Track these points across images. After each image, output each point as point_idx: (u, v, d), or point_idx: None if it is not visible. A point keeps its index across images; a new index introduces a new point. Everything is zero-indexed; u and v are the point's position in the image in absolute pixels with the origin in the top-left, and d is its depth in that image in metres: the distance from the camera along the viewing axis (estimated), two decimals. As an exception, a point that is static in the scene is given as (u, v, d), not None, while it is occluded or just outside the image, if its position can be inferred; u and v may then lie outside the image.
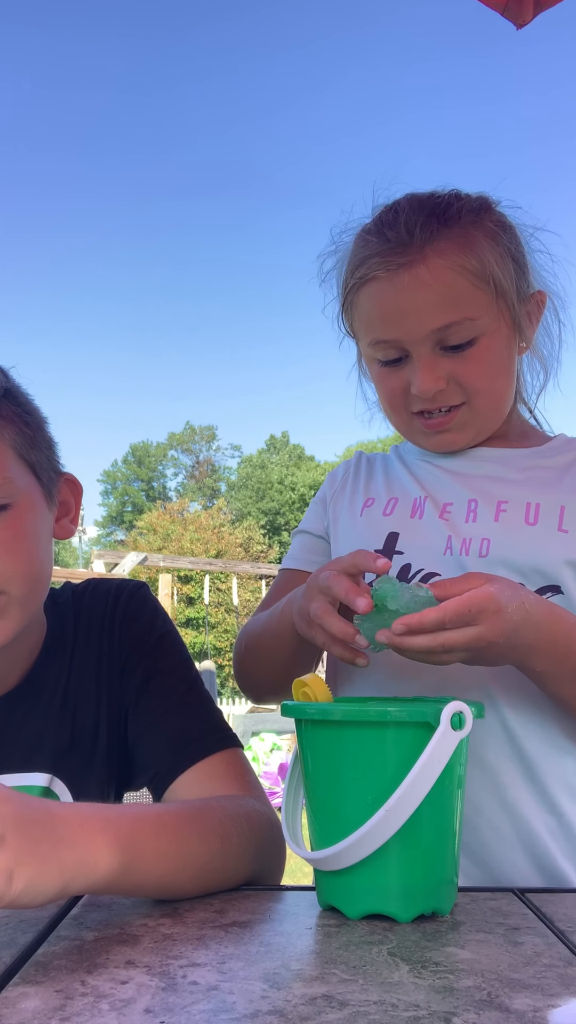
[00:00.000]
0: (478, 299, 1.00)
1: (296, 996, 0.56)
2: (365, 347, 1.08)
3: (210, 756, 0.92)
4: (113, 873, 0.68)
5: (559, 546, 0.99)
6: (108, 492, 46.75)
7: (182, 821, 0.78)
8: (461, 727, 0.71)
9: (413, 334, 1.00)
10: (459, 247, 0.99)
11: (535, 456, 1.10)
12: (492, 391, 1.04)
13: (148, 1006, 0.55)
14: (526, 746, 0.97)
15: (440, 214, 1.01)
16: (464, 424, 1.06)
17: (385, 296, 1.01)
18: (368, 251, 1.02)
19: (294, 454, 46.24)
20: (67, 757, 0.95)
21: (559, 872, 0.97)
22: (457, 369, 1.01)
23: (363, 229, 1.07)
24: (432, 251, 0.99)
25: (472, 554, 1.01)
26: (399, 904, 0.72)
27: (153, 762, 0.94)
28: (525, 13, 1.43)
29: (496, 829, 0.98)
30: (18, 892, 0.61)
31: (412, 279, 0.98)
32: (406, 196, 1.06)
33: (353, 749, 0.73)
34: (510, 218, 1.07)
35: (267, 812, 0.89)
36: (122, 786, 1.01)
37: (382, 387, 1.08)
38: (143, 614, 1.01)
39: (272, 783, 6.61)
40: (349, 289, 1.06)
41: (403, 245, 0.99)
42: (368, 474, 1.20)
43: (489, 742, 0.97)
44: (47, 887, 0.63)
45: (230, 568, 13.06)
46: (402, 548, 1.07)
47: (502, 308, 1.02)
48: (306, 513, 1.25)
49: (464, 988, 0.58)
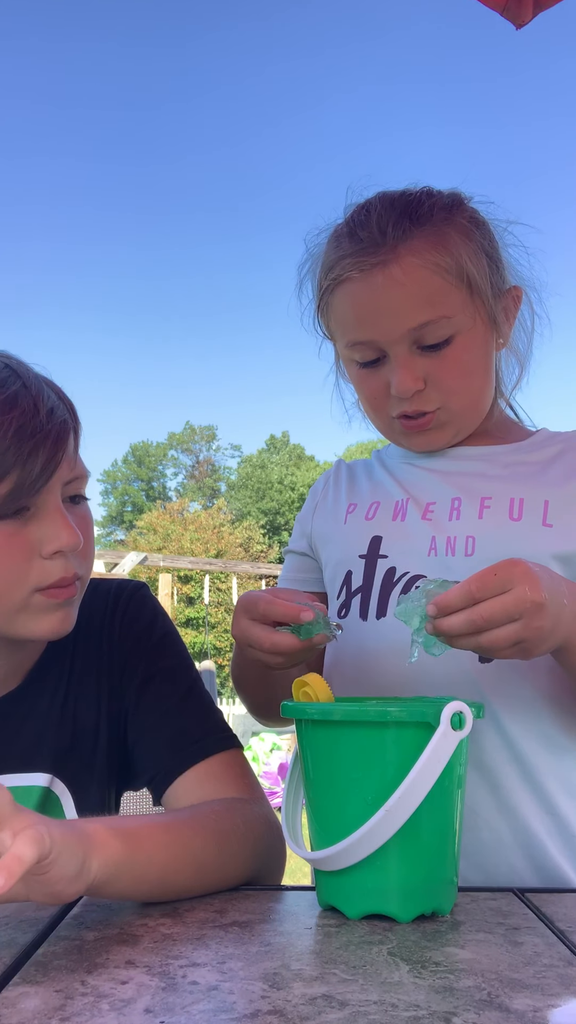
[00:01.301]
0: (453, 297, 0.99)
1: (296, 996, 0.56)
2: (342, 349, 1.06)
3: (210, 757, 0.92)
4: (119, 856, 0.69)
5: (545, 540, 0.99)
6: (108, 492, 46.73)
7: (179, 819, 0.80)
8: (461, 727, 0.71)
9: (389, 334, 0.99)
10: (432, 245, 0.98)
11: (517, 451, 1.09)
12: (470, 390, 1.04)
13: (148, 1006, 0.55)
14: (523, 746, 0.97)
15: (412, 212, 1.00)
16: (444, 424, 1.05)
17: (360, 297, 1.00)
18: (341, 252, 1.01)
19: (294, 454, 46.25)
20: (68, 757, 0.95)
21: (558, 872, 0.97)
22: (434, 369, 1.00)
23: (335, 230, 1.06)
24: (405, 250, 0.98)
25: (458, 553, 1.01)
26: (399, 904, 0.72)
27: (153, 763, 0.94)
28: (524, 13, 1.44)
29: (494, 830, 0.98)
30: (59, 850, 0.62)
31: (386, 279, 0.98)
32: (378, 195, 1.04)
33: (353, 749, 0.73)
34: (483, 213, 1.06)
35: (266, 813, 0.89)
36: (122, 786, 1.01)
37: (362, 389, 1.07)
38: (143, 614, 1.01)
39: (272, 783, 6.61)
40: (324, 291, 1.05)
41: (376, 245, 0.99)
42: (350, 481, 1.18)
43: (485, 744, 0.97)
44: (74, 853, 0.64)
45: (230, 568, 13.06)
46: (386, 551, 1.06)
47: (478, 305, 1.01)
48: (293, 530, 1.25)
49: (464, 988, 0.58)
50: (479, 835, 0.97)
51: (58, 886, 0.64)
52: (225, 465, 48.12)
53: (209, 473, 47.62)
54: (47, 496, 0.84)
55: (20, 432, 0.81)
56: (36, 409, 0.83)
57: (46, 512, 0.85)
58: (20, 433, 0.81)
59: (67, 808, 0.95)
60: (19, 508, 0.83)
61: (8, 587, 0.84)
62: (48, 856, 0.61)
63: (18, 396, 0.82)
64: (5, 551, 0.83)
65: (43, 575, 0.85)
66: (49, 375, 0.89)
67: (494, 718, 0.97)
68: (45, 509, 0.85)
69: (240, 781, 0.92)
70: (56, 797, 0.94)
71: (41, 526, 0.84)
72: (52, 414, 0.84)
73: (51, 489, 0.84)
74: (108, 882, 0.69)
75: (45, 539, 0.84)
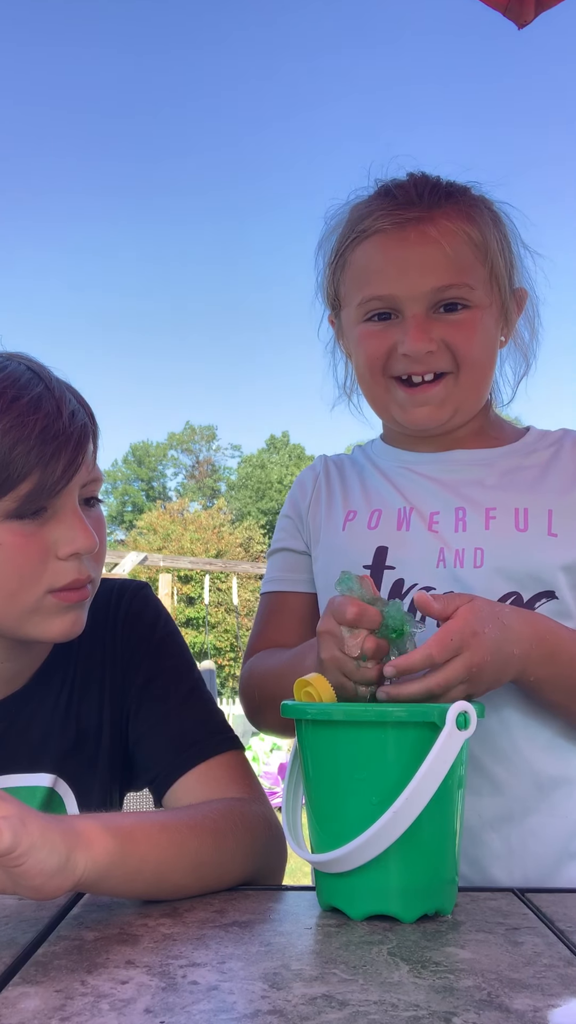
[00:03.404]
0: (477, 272, 1.01)
1: (296, 996, 0.56)
2: (352, 311, 1.05)
3: (211, 759, 0.92)
4: (111, 854, 0.69)
5: (552, 551, 0.99)
6: (108, 492, 46.72)
7: (176, 818, 0.80)
8: (466, 726, 0.71)
9: (413, 289, 0.99)
10: (467, 216, 1.01)
11: (512, 454, 1.08)
12: (480, 365, 1.03)
13: (148, 1006, 0.55)
14: (520, 745, 0.97)
15: (446, 188, 1.03)
16: (446, 399, 1.02)
17: (388, 249, 1.01)
18: (373, 207, 1.03)
19: (294, 454, 46.22)
20: (71, 758, 0.95)
21: (557, 872, 0.97)
22: (449, 333, 1.00)
23: (363, 197, 1.07)
24: (440, 214, 1.00)
25: (467, 565, 1.00)
26: (402, 904, 0.72)
27: (154, 763, 0.94)
28: (526, 13, 1.44)
29: (493, 830, 0.98)
30: (31, 843, 0.62)
31: (420, 235, 0.99)
32: (408, 173, 1.07)
33: (355, 750, 0.73)
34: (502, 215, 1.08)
35: (266, 813, 0.89)
36: (125, 787, 1.01)
37: (365, 348, 1.04)
38: (146, 614, 1.01)
39: (272, 783, 6.61)
40: (345, 247, 1.05)
41: (411, 203, 1.01)
42: (341, 482, 1.15)
43: (483, 744, 0.97)
44: (54, 848, 0.64)
45: (230, 568, 13.06)
46: (392, 563, 1.04)
47: (494, 290, 1.03)
48: (277, 530, 1.20)
49: (464, 988, 0.58)
50: (479, 835, 0.97)
51: (36, 880, 0.63)
52: (225, 465, 48.10)
53: (209, 473, 47.61)
54: (65, 498, 0.85)
55: (43, 434, 0.81)
56: (59, 412, 0.83)
57: (63, 514, 0.85)
58: (43, 435, 0.81)
59: (70, 808, 0.95)
60: (37, 509, 0.83)
61: (22, 587, 0.84)
62: (16, 849, 0.61)
63: (41, 399, 0.83)
64: (22, 551, 0.83)
65: (57, 576, 0.85)
66: (68, 379, 0.90)
67: (492, 717, 0.97)
68: (63, 511, 0.85)
69: (241, 782, 0.92)
70: (60, 797, 0.94)
71: (58, 528, 0.85)
72: (73, 417, 0.85)
73: (70, 491, 0.85)
74: (100, 879, 0.69)
75: (62, 541, 0.85)
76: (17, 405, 0.81)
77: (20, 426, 0.81)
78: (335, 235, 1.08)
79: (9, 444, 0.80)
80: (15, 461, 0.80)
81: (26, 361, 0.87)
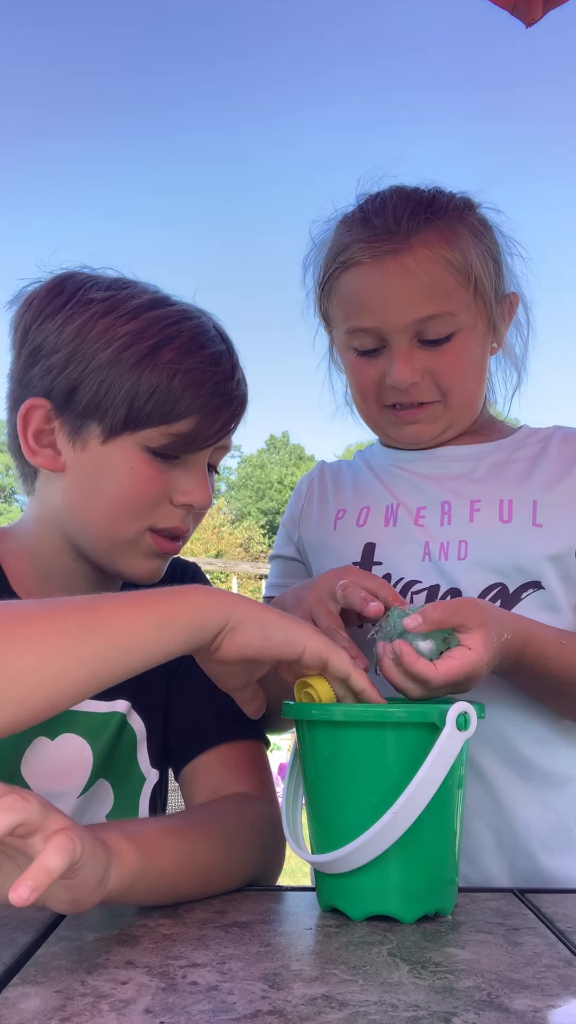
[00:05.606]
0: (459, 295, 1.00)
1: (296, 996, 0.56)
2: (341, 336, 1.06)
3: (235, 742, 0.94)
4: (136, 867, 0.68)
5: (536, 541, 0.99)
6: (108, 492, 46.69)
7: (188, 825, 0.79)
8: (467, 727, 0.71)
9: (394, 322, 0.99)
10: (445, 240, 0.99)
11: (500, 450, 1.09)
12: (466, 389, 1.04)
13: (148, 1006, 0.55)
14: (517, 744, 0.97)
15: (427, 206, 1.01)
16: (436, 418, 1.05)
17: (369, 282, 1.00)
18: (352, 236, 1.02)
19: (294, 454, 46.23)
20: (141, 693, 0.96)
21: (557, 872, 0.97)
22: (433, 363, 1.00)
23: (345, 217, 1.06)
24: (418, 241, 0.99)
25: (451, 558, 1.01)
26: (403, 905, 0.72)
27: (181, 733, 0.96)
28: (534, 11, 1.43)
29: (493, 830, 0.98)
30: (85, 858, 0.59)
31: (398, 266, 0.98)
32: (391, 188, 1.05)
33: (356, 750, 0.73)
34: (489, 219, 1.07)
35: (272, 813, 0.89)
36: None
37: (355, 376, 1.06)
38: None
39: (272, 783, 6.61)
40: (329, 275, 1.05)
41: (390, 233, 0.99)
42: (335, 484, 1.17)
43: (481, 744, 0.97)
44: (99, 861, 0.63)
45: (230, 568, 13.05)
46: (380, 558, 1.05)
47: (479, 306, 1.02)
48: (277, 535, 1.23)
49: (464, 988, 0.58)
50: (479, 835, 0.97)
51: (81, 893, 0.62)
52: (225, 465, 47.89)
53: (209, 473, 47.53)
54: (200, 454, 0.91)
55: (216, 388, 0.88)
56: (232, 374, 0.91)
57: (193, 466, 0.91)
58: (216, 388, 0.88)
59: (140, 744, 0.97)
60: (178, 454, 0.89)
61: (131, 515, 0.89)
62: (78, 862, 0.58)
63: (222, 356, 0.90)
64: (146, 483, 0.88)
65: (163, 517, 0.90)
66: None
67: (489, 717, 0.97)
68: (193, 465, 0.91)
69: (256, 776, 0.93)
70: (132, 730, 0.96)
71: (183, 476, 0.90)
72: (240, 384, 0.92)
73: (207, 450, 0.91)
74: (123, 893, 0.68)
75: (182, 489, 0.90)
76: (202, 353, 0.88)
77: (199, 371, 0.87)
78: (321, 256, 1.07)
79: (184, 383, 0.86)
80: (184, 398, 0.86)
81: (214, 320, 0.93)
